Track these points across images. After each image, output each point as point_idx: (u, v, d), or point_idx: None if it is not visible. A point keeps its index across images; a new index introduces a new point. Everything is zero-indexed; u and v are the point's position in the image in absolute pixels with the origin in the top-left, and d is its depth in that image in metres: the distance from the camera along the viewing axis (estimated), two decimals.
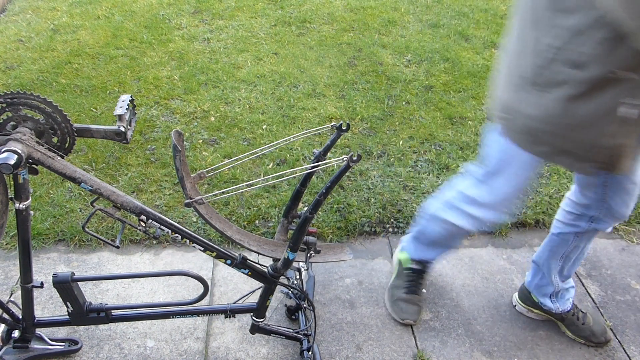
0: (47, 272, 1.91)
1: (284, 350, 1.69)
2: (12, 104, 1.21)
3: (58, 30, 3.56)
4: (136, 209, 1.28)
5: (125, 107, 1.29)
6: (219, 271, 1.96)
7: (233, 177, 2.35)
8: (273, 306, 1.81)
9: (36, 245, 2.01)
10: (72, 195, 2.23)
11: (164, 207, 2.20)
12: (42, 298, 1.80)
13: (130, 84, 3.01)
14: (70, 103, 2.80)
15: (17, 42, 3.40)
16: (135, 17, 3.76)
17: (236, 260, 1.41)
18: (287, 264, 1.41)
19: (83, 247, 2.03)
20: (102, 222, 2.11)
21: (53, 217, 2.12)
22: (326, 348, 1.72)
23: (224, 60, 3.28)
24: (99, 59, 3.24)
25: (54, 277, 1.39)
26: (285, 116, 2.79)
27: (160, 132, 2.64)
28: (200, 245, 1.36)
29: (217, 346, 1.70)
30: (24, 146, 1.18)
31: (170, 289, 1.88)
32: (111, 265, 1.96)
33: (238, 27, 3.67)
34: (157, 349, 1.68)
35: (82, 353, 1.65)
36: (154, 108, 2.82)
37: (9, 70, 3.09)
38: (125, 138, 1.28)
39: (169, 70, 3.16)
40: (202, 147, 2.56)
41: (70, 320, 1.49)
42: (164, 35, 3.53)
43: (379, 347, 1.73)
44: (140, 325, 1.74)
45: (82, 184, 1.24)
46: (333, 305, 1.87)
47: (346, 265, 2.03)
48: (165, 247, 2.06)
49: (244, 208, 2.22)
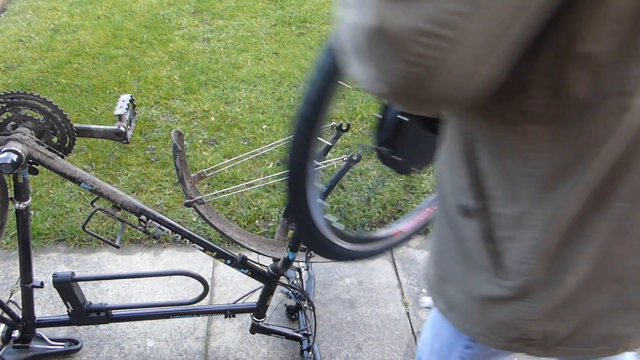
0: (47, 272, 1.91)
1: (284, 350, 1.69)
2: (12, 103, 1.21)
3: (58, 30, 3.56)
4: (136, 209, 1.28)
5: (125, 107, 1.29)
6: (219, 271, 1.96)
7: (233, 177, 2.35)
8: (273, 306, 1.81)
9: (36, 245, 2.01)
10: (72, 195, 2.23)
11: (164, 207, 2.20)
12: (42, 298, 1.80)
13: (130, 84, 3.01)
14: (70, 103, 2.80)
15: (17, 42, 3.40)
16: (135, 17, 3.76)
17: (236, 260, 1.41)
18: (287, 263, 1.41)
19: (83, 247, 2.03)
20: (102, 222, 2.11)
21: (53, 217, 2.12)
22: (326, 348, 1.72)
23: (224, 60, 3.28)
24: (99, 59, 3.24)
25: (54, 277, 1.39)
26: (286, 116, 2.79)
27: (160, 132, 2.64)
28: (200, 245, 1.36)
29: (217, 346, 1.70)
30: (24, 146, 1.18)
31: (170, 289, 1.88)
32: (111, 265, 1.96)
33: (238, 27, 3.67)
34: (157, 349, 1.67)
35: (82, 353, 1.65)
36: (154, 108, 2.82)
37: (9, 70, 3.09)
38: (125, 138, 1.28)
39: (169, 70, 3.16)
40: (202, 147, 2.55)
41: (70, 320, 1.49)
42: (164, 35, 3.53)
43: (379, 347, 1.73)
44: (140, 325, 1.74)
45: (82, 184, 1.24)
46: (333, 305, 1.87)
47: (346, 265, 2.03)
48: (165, 247, 2.06)
49: (244, 208, 2.22)
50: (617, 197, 0.59)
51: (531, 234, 0.62)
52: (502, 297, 0.68)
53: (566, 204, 0.59)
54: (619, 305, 0.66)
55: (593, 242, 0.61)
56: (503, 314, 0.70)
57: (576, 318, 0.67)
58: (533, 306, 0.67)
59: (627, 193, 0.58)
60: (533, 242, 0.63)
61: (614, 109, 0.52)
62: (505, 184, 0.62)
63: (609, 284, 0.65)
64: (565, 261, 0.63)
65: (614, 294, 0.66)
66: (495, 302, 0.70)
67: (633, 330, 0.68)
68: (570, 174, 0.57)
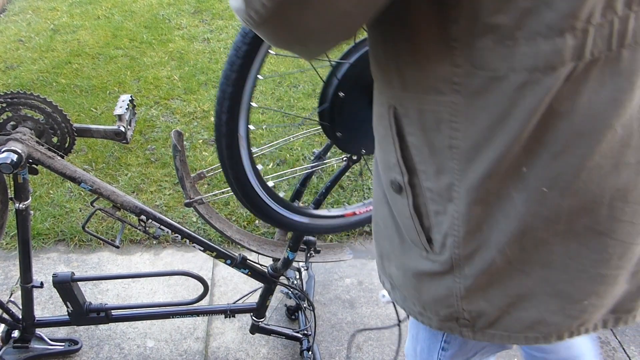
0: (47, 272, 1.91)
1: (284, 350, 1.69)
2: (12, 103, 1.21)
3: (58, 30, 3.56)
4: (136, 209, 1.28)
5: (125, 107, 1.29)
6: (219, 271, 1.96)
7: None
8: (273, 306, 1.81)
9: (36, 245, 2.01)
10: (72, 195, 2.23)
11: (164, 207, 2.20)
12: (42, 298, 1.80)
13: (130, 84, 3.01)
14: (70, 103, 2.80)
15: (17, 42, 3.40)
16: (135, 17, 3.76)
17: (236, 260, 1.41)
18: (287, 264, 1.41)
19: (83, 247, 2.03)
20: (102, 222, 2.11)
21: (53, 217, 2.12)
22: (326, 348, 1.72)
23: (224, 60, 3.28)
24: (99, 59, 3.24)
25: (54, 277, 1.39)
26: (285, 116, 2.79)
27: (160, 132, 2.64)
28: (200, 245, 1.36)
29: (217, 346, 1.70)
30: (24, 146, 1.18)
31: (170, 289, 1.88)
32: (111, 265, 1.96)
33: (238, 27, 3.67)
34: (157, 349, 1.67)
35: (82, 353, 1.65)
36: (154, 108, 2.82)
37: (9, 70, 3.09)
38: (125, 138, 1.28)
39: (169, 70, 3.16)
40: (202, 147, 2.55)
41: (70, 320, 1.49)
42: (164, 35, 3.53)
43: (379, 347, 1.73)
44: (140, 325, 1.74)
45: (82, 184, 1.24)
46: (333, 305, 1.87)
47: (346, 265, 2.03)
48: (165, 247, 2.06)
49: (243, 208, 2.21)
50: (536, 177, 0.59)
51: (455, 207, 0.64)
52: (434, 271, 0.70)
53: (485, 176, 0.60)
54: (547, 291, 0.66)
55: (516, 222, 0.62)
56: (435, 289, 0.71)
57: (504, 300, 0.68)
58: (461, 282, 0.68)
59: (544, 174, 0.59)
60: (456, 214, 0.64)
61: (525, 83, 0.53)
62: (431, 157, 0.64)
63: (536, 268, 0.65)
64: (489, 237, 0.64)
65: (542, 279, 0.66)
66: (428, 277, 0.72)
67: (563, 319, 0.68)
68: (487, 146, 0.58)
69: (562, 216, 0.61)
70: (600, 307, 0.68)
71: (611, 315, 0.70)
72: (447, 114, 0.59)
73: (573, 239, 0.62)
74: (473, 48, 0.54)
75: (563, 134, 0.56)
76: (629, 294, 0.69)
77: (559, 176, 0.58)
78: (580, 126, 0.55)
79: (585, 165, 0.57)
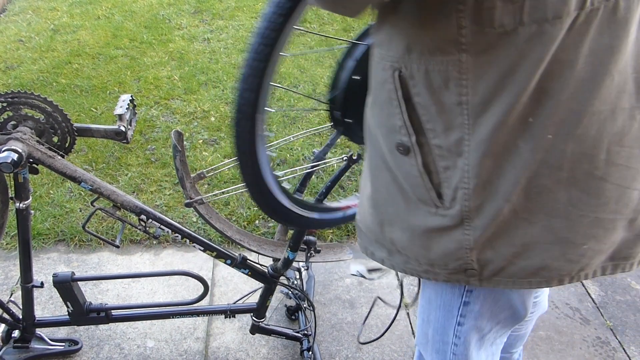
0: (47, 272, 1.91)
1: (284, 350, 1.69)
2: (13, 103, 1.21)
3: (58, 30, 3.56)
4: (136, 209, 1.28)
5: (126, 107, 1.30)
6: (219, 271, 1.96)
7: (233, 177, 2.35)
8: (273, 306, 1.81)
9: (36, 245, 2.01)
10: (72, 195, 2.23)
11: (164, 207, 2.20)
12: (42, 298, 1.80)
13: (130, 84, 3.01)
14: (71, 103, 2.80)
15: (17, 42, 3.40)
16: (135, 17, 3.76)
17: (236, 260, 1.41)
18: (287, 264, 1.41)
19: (83, 247, 2.03)
20: (102, 222, 2.11)
21: (53, 217, 2.12)
22: (326, 348, 1.72)
23: (224, 60, 3.28)
24: (99, 59, 3.24)
25: (54, 277, 1.39)
26: (285, 116, 2.79)
27: (160, 132, 2.64)
28: (200, 245, 1.36)
29: (217, 346, 1.70)
30: (25, 145, 1.18)
31: (170, 289, 1.88)
32: (111, 265, 1.96)
33: (238, 27, 3.67)
34: (157, 349, 1.67)
35: (82, 353, 1.65)
36: (154, 108, 2.82)
37: (9, 70, 3.09)
38: (126, 138, 1.28)
39: (169, 70, 3.16)
40: (202, 147, 2.55)
41: (70, 320, 1.49)
42: (164, 35, 3.53)
43: (379, 347, 1.73)
44: (140, 325, 1.74)
45: (82, 184, 1.24)
46: (333, 305, 1.87)
47: (346, 265, 2.03)
48: (165, 247, 2.06)
49: (244, 208, 2.22)
50: (542, 126, 0.62)
51: (465, 160, 0.66)
52: (444, 226, 0.72)
53: (495, 129, 0.63)
54: (550, 238, 0.69)
55: (522, 172, 0.64)
56: (445, 244, 0.73)
57: (510, 249, 0.70)
58: (471, 234, 0.71)
59: (549, 122, 0.62)
60: (467, 168, 0.66)
61: (533, 35, 0.57)
62: (439, 115, 0.66)
63: (540, 216, 0.68)
64: (498, 189, 0.66)
65: (545, 227, 0.68)
66: (439, 232, 0.73)
67: (564, 264, 0.71)
68: (496, 100, 0.61)
69: (565, 163, 0.64)
70: (599, 253, 0.71)
71: (610, 263, 0.73)
72: (455, 72, 0.62)
73: (574, 186, 0.65)
74: (481, 9, 0.57)
75: (567, 82, 0.59)
76: (627, 241, 0.72)
77: (563, 123, 0.62)
78: (582, 73, 0.59)
79: (587, 110, 0.61)
